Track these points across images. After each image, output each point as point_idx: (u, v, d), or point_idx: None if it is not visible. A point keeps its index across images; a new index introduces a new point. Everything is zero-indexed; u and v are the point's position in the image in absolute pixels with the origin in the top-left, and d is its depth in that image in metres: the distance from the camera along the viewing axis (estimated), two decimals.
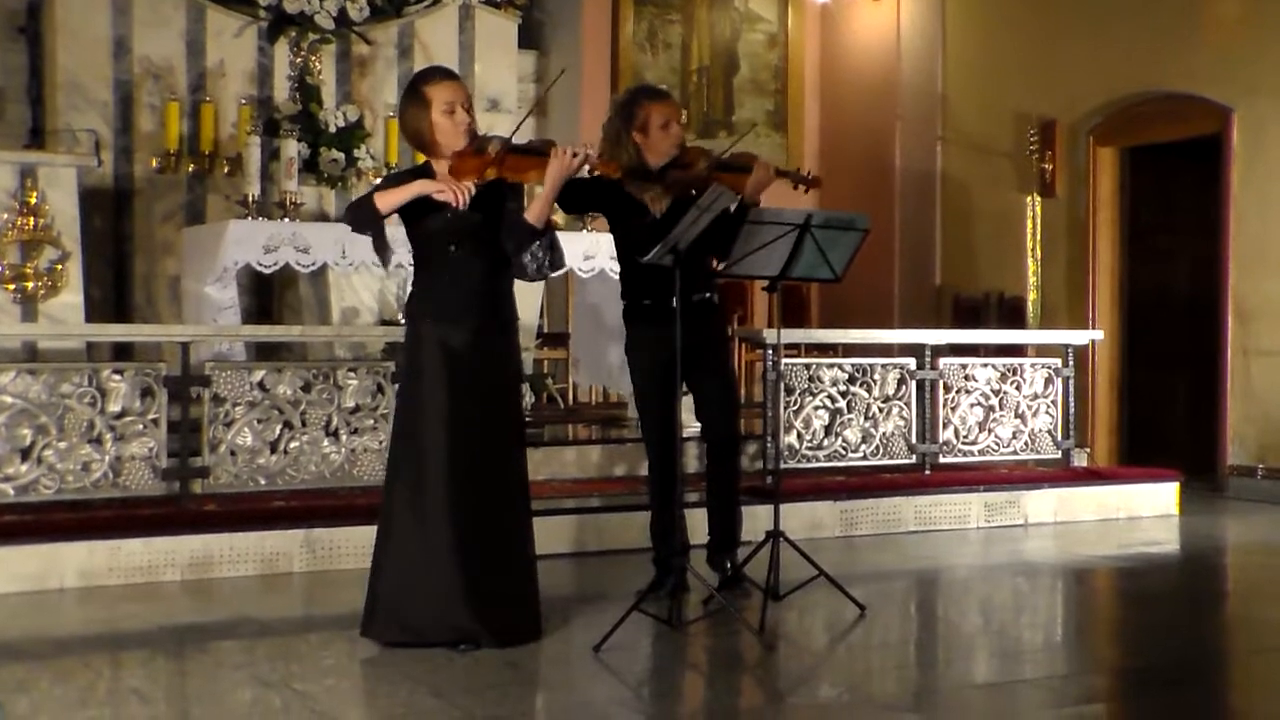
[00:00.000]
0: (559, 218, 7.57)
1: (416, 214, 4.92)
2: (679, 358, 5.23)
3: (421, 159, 5.24)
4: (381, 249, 4.99)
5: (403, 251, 7.63)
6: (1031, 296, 9.90)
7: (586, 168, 5.14)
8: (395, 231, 7.07)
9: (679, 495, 5.57)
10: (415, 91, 4.97)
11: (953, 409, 8.07)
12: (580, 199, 5.71)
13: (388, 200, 4.87)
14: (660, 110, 5.62)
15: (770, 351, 7.40)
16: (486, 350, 4.97)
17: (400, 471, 4.98)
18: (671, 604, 5.22)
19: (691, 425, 6.18)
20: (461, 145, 4.93)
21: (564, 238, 5.35)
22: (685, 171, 5.57)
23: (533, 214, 4.95)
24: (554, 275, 5.32)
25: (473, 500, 4.86)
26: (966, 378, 8.13)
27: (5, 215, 6.96)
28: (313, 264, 7.90)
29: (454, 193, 4.77)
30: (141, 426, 6.37)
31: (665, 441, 5.64)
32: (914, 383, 7.93)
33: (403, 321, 7.85)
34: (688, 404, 5.89)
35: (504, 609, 4.91)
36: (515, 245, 4.95)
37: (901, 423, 7.89)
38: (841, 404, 7.74)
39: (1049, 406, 8.35)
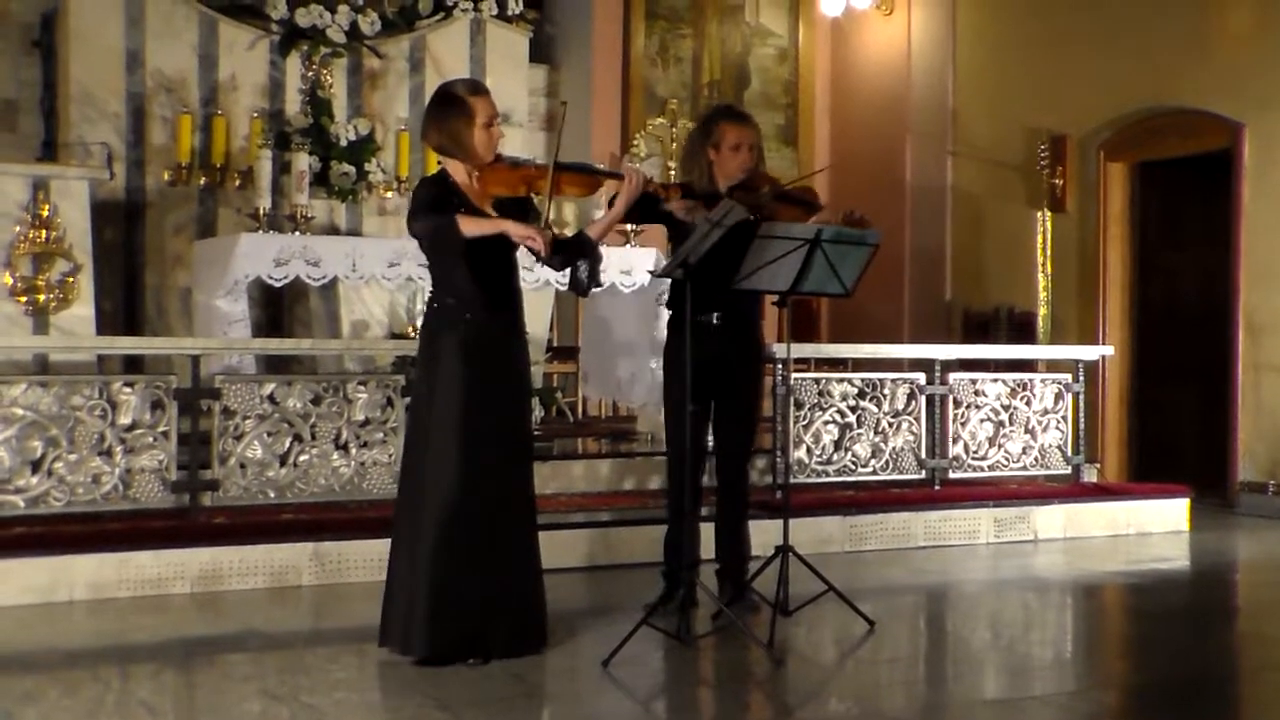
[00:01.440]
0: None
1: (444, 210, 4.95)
2: (689, 371, 5.28)
3: (435, 166, 5.28)
4: (456, 259, 4.96)
5: (412, 265, 7.73)
6: (1042, 311, 9.88)
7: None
8: (406, 245, 7.13)
9: (692, 509, 5.60)
10: (459, 100, 5.01)
11: (962, 424, 8.06)
12: (645, 210, 5.70)
13: (475, 229, 4.86)
14: (735, 132, 5.73)
15: (780, 366, 7.41)
16: (501, 361, 5.01)
17: (411, 483, 5.00)
18: (680, 619, 5.21)
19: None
20: (490, 158, 5.03)
21: None
22: (747, 195, 5.60)
23: (595, 231, 5.19)
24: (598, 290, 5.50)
25: (483, 512, 4.87)
26: (976, 393, 8.12)
27: (17, 228, 6.98)
28: (323, 277, 7.91)
29: (541, 241, 4.86)
30: (151, 439, 6.39)
31: (680, 454, 5.67)
32: (924, 398, 7.92)
33: (413, 335, 7.88)
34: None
35: (510, 619, 4.93)
36: (566, 260, 5.15)
37: (911, 438, 7.88)
38: (851, 419, 7.73)
39: (1059, 422, 8.34)
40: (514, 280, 5.09)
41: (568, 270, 5.23)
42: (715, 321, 5.57)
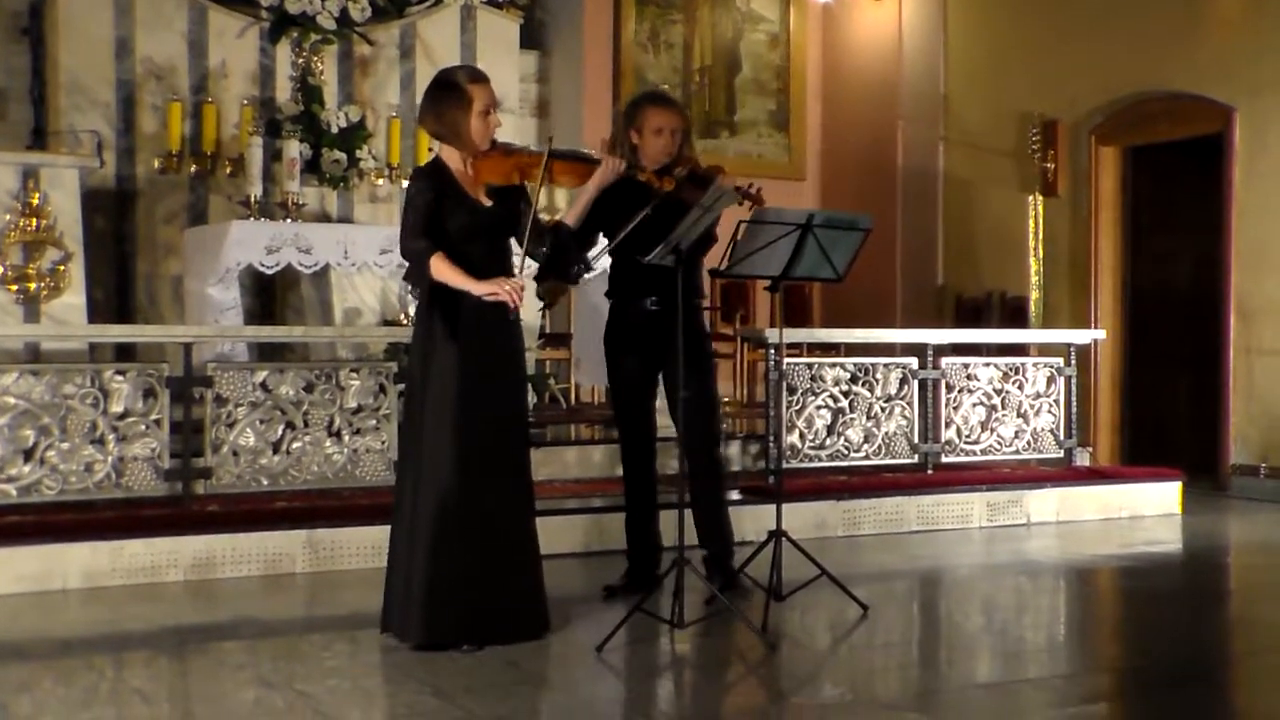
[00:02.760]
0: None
1: (436, 216, 4.93)
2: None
3: (427, 153, 5.29)
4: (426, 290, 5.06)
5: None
6: (1034, 296, 9.89)
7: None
8: (397, 232, 7.09)
9: (647, 496, 5.78)
10: (458, 88, 4.99)
11: (955, 408, 8.07)
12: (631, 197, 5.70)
13: (443, 275, 4.88)
14: (656, 116, 5.69)
15: (772, 351, 7.41)
16: (496, 347, 5.00)
17: (408, 470, 5.00)
18: (674, 604, 5.21)
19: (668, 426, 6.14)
20: (486, 146, 5.02)
21: None
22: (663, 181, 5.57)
23: (571, 217, 5.20)
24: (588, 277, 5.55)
25: (479, 498, 4.87)
26: (969, 377, 8.13)
27: (8, 216, 6.96)
28: (315, 264, 7.90)
29: (510, 296, 4.88)
30: (144, 427, 6.38)
31: (631, 443, 5.80)
32: (916, 382, 7.93)
33: (405, 322, 7.87)
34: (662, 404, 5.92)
35: (510, 605, 4.94)
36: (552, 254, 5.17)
37: (904, 422, 7.89)
38: (844, 403, 7.74)
39: (1051, 406, 8.35)
40: (508, 264, 5.08)
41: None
42: (651, 306, 5.53)
